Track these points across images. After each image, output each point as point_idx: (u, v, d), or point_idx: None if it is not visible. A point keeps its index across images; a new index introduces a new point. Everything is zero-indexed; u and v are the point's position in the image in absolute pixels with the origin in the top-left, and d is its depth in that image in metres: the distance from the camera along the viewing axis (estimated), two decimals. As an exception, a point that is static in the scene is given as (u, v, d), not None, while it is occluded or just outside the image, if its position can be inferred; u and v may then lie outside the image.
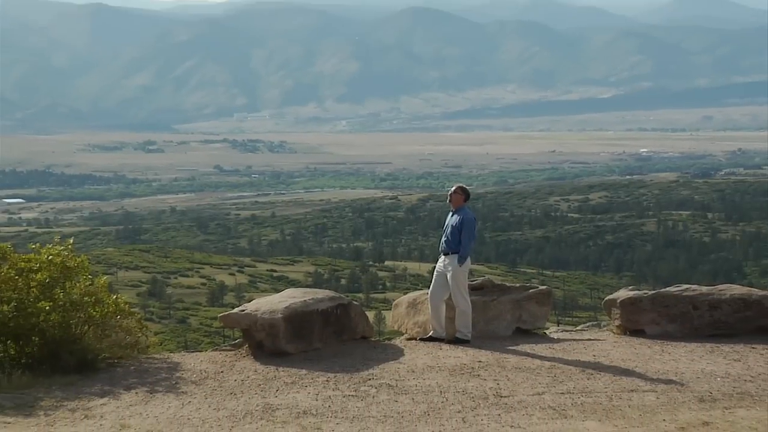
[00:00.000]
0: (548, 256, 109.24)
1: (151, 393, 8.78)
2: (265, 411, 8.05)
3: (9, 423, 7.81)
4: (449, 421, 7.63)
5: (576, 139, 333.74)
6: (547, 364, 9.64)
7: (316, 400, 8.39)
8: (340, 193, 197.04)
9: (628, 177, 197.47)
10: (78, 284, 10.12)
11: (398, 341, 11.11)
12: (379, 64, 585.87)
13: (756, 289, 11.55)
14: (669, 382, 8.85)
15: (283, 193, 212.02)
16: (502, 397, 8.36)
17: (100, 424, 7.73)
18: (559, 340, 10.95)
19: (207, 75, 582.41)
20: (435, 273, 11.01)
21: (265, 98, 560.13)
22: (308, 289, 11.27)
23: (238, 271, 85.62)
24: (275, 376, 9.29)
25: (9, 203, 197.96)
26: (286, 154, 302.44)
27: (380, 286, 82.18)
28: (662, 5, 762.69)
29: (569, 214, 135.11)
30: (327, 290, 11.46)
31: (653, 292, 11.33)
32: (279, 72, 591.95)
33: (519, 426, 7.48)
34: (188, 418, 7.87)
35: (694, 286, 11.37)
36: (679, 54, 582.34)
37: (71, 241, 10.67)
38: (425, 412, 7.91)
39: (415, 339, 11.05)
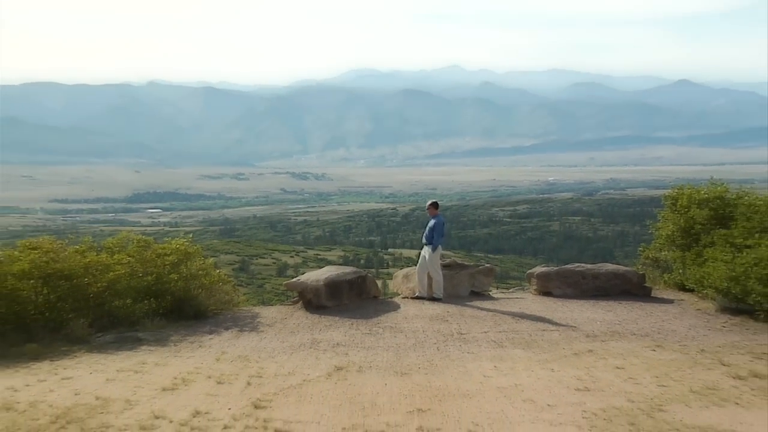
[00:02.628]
0: (491, 246, 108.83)
1: (240, 332, 8.82)
2: (313, 343, 8.08)
3: (151, 350, 7.87)
4: (429, 350, 7.65)
5: (509, 172, 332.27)
6: (491, 313, 9.65)
7: (345, 336, 8.41)
8: (359, 206, 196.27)
9: (541, 195, 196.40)
10: (195, 263, 10.19)
11: (396, 299, 11.12)
12: (385, 124, 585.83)
13: (622, 266, 11.59)
14: (567, 325, 8.86)
15: (324, 206, 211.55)
16: (462, 334, 8.37)
17: (209, 351, 7.78)
18: (498, 299, 10.96)
19: (276, 131, 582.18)
20: (420, 256, 11.04)
21: (313, 146, 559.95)
22: (340, 266, 11.28)
23: (296, 255, 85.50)
24: (319, 321, 9.31)
25: (151, 212, 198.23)
26: (326, 181, 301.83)
27: (385, 264, 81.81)
28: (564, 87, 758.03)
29: (504, 219, 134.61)
30: (352, 267, 11.50)
31: (557, 268, 11.36)
32: (321, 129, 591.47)
33: (473, 352, 7.50)
34: (264, 347, 7.91)
35: (583, 264, 11.38)
36: (574, 118, 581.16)
37: (190, 236, 10.76)
38: (414, 344, 7.92)
39: (408, 298, 11.06)
